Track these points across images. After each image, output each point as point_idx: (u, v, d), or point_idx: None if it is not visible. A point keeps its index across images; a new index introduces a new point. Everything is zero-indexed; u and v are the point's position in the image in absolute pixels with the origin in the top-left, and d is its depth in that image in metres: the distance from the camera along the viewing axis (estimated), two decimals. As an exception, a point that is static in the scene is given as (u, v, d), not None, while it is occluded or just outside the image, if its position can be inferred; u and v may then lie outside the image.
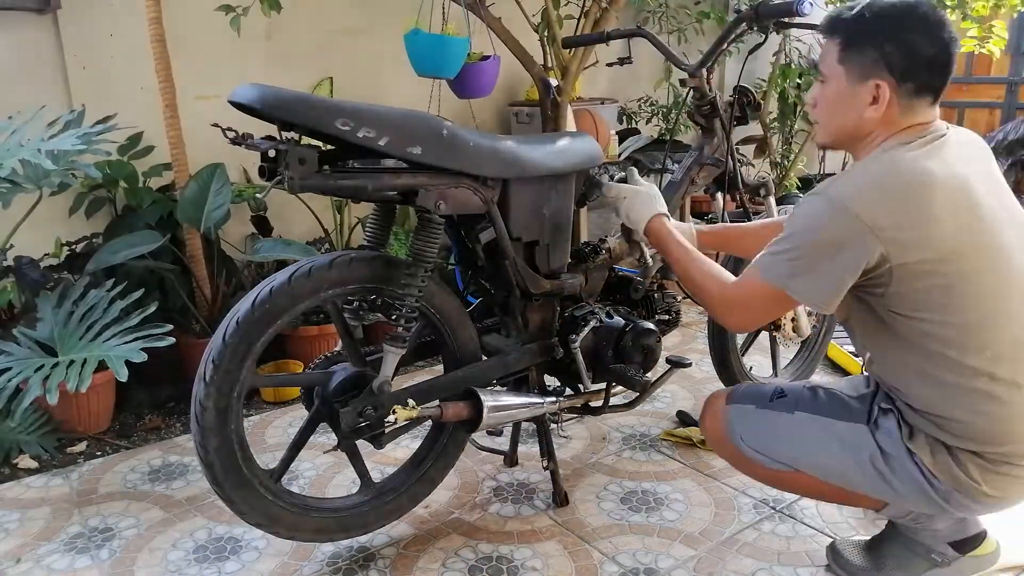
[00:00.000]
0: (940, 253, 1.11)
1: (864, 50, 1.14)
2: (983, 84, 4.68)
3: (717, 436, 1.40)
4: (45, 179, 1.86)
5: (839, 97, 1.19)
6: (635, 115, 3.38)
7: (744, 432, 1.34)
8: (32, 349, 1.78)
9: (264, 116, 1.17)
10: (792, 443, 1.30)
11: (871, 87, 1.15)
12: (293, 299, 1.29)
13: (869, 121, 1.18)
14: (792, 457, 1.31)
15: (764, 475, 1.37)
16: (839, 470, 1.26)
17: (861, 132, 1.20)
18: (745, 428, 1.34)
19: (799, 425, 1.28)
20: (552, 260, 1.58)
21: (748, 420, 1.34)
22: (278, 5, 2.09)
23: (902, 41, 1.12)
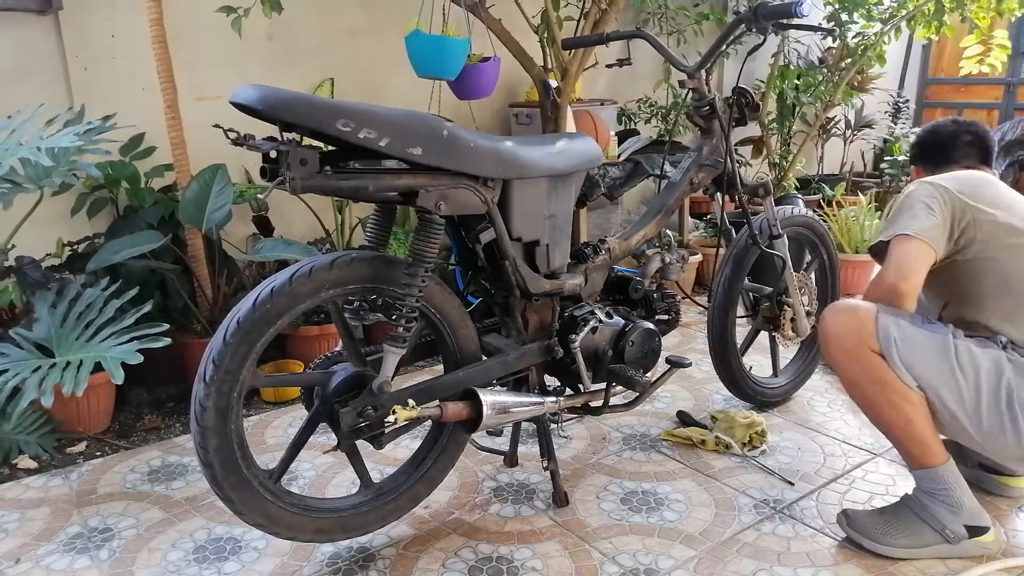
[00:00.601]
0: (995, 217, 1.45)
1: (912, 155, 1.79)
2: (981, 85, 4.69)
3: (861, 331, 1.42)
4: (46, 179, 1.86)
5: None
6: (634, 116, 3.39)
7: (900, 342, 1.40)
8: (29, 350, 1.78)
9: (265, 117, 1.17)
10: (942, 362, 1.40)
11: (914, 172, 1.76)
12: (294, 299, 1.29)
13: None
14: (936, 374, 1.40)
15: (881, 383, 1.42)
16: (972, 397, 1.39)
17: None
18: (901, 339, 1.40)
19: (951, 347, 1.40)
20: (552, 260, 1.58)
21: (905, 331, 1.41)
22: (279, 6, 2.09)
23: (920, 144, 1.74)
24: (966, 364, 1.38)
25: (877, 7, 3.31)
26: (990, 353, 1.40)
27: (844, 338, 1.45)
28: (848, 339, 1.44)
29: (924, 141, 1.72)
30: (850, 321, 1.45)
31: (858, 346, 1.43)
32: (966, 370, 1.38)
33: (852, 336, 1.44)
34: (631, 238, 1.79)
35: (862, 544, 1.46)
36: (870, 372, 1.43)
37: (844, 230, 3.15)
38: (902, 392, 1.40)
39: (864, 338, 1.42)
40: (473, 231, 1.45)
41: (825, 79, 3.56)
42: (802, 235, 2.12)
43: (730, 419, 1.94)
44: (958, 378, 1.38)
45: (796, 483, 1.72)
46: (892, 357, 1.40)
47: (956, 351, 1.39)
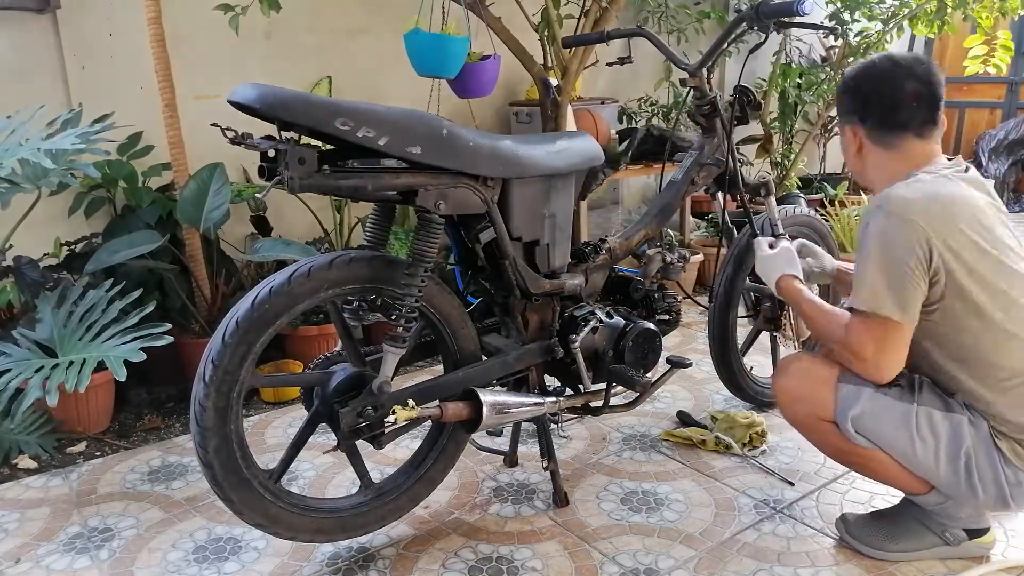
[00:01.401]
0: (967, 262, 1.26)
1: (840, 107, 1.41)
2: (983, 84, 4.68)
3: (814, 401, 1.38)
4: (44, 179, 1.85)
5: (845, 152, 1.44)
6: (635, 114, 3.38)
7: (858, 417, 1.34)
8: (32, 350, 1.78)
9: (263, 116, 1.16)
10: (901, 433, 1.33)
11: (850, 134, 1.40)
12: (293, 299, 1.28)
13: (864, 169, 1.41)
14: (896, 446, 1.34)
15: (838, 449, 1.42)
16: (930, 464, 1.33)
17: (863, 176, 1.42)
18: (862, 413, 1.34)
19: (914, 417, 1.32)
20: (552, 260, 1.58)
21: (866, 404, 1.34)
22: (277, 5, 2.09)
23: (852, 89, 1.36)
24: (926, 433, 1.32)
25: (879, 6, 3.30)
26: (952, 420, 1.32)
27: (797, 407, 1.43)
28: (801, 408, 1.42)
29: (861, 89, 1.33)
30: (804, 391, 1.40)
31: (812, 418, 1.41)
32: (926, 439, 1.32)
33: (805, 406, 1.41)
34: (632, 238, 1.79)
35: (861, 551, 1.46)
36: (827, 440, 1.43)
37: (846, 230, 3.14)
38: (862, 455, 1.38)
39: (818, 410, 1.38)
40: (473, 231, 1.44)
41: (827, 78, 3.55)
42: (804, 235, 2.11)
43: (730, 419, 1.93)
44: (916, 446, 1.32)
45: (796, 483, 1.72)
46: (847, 431, 1.35)
47: (917, 420, 1.32)
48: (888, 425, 1.34)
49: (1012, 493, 1.31)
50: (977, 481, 1.31)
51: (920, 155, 1.34)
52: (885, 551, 1.44)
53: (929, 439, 1.32)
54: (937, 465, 1.33)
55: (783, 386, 1.46)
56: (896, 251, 1.25)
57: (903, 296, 1.26)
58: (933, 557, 1.43)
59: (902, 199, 1.26)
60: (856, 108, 1.35)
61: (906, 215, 1.24)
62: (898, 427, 1.33)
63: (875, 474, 1.43)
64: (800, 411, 1.43)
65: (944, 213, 1.25)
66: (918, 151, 1.34)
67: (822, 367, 1.40)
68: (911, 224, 1.24)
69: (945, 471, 1.33)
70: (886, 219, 1.26)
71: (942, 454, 1.32)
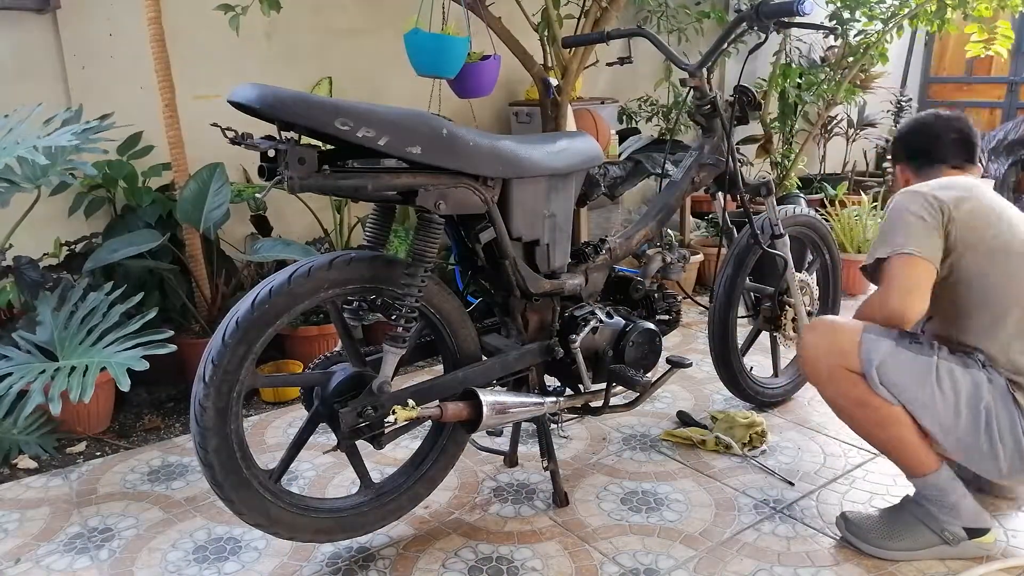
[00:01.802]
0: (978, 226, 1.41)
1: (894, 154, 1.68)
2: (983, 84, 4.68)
3: (842, 352, 1.41)
4: (43, 178, 1.85)
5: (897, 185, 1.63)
6: (635, 115, 3.38)
7: (883, 364, 1.38)
8: (32, 353, 1.78)
9: (263, 116, 1.16)
10: (923, 385, 1.37)
11: (899, 172, 1.64)
12: (293, 299, 1.28)
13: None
14: (917, 398, 1.38)
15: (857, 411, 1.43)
16: (950, 419, 1.37)
17: None
18: (885, 361, 1.38)
19: (934, 369, 1.38)
20: (552, 260, 1.58)
21: (887, 353, 1.38)
22: (277, 5, 2.09)
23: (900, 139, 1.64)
24: (947, 386, 1.36)
25: (879, 6, 3.30)
26: (972, 375, 1.37)
27: (822, 360, 1.45)
28: (826, 361, 1.44)
29: (908, 139, 1.62)
30: (829, 343, 1.43)
31: (837, 369, 1.42)
32: (946, 392, 1.36)
33: (831, 358, 1.43)
34: (632, 238, 1.79)
35: (860, 548, 1.46)
36: (850, 394, 1.43)
37: (846, 230, 3.14)
38: (885, 411, 1.40)
39: (844, 360, 1.41)
40: (473, 231, 1.44)
41: (827, 78, 3.55)
42: (804, 235, 2.11)
43: (730, 419, 1.93)
44: (937, 400, 1.36)
45: (796, 483, 1.72)
46: (872, 378, 1.38)
47: (938, 373, 1.37)
48: (909, 375, 1.37)
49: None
50: (996, 435, 1.34)
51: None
52: (885, 549, 1.44)
53: (949, 393, 1.36)
54: (957, 420, 1.36)
55: (809, 341, 1.48)
56: (912, 208, 1.41)
57: (918, 237, 1.39)
58: (933, 556, 1.43)
59: (919, 184, 1.48)
60: (906, 152, 1.61)
61: (919, 189, 1.44)
62: (920, 378, 1.37)
63: (890, 438, 1.42)
64: (824, 363, 1.44)
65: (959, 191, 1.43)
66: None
67: (847, 322, 1.47)
68: (922, 193, 1.42)
69: (965, 426, 1.36)
70: (902, 195, 1.45)
71: (963, 407, 1.35)
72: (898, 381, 1.38)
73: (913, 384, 1.37)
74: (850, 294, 3.14)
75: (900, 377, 1.38)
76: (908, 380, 1.37)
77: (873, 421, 1.43)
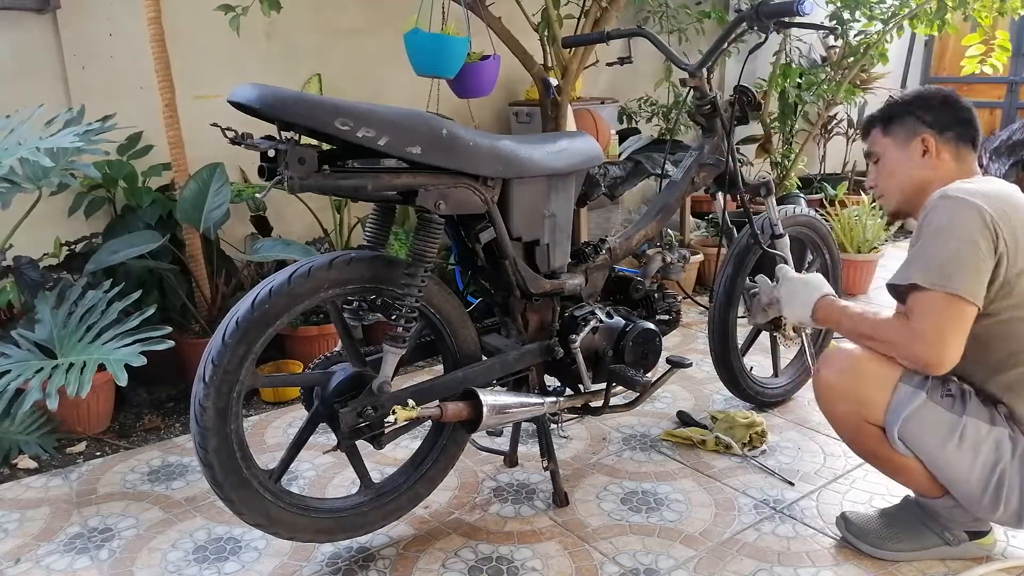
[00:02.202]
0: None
1: (903, 119, 1.41)
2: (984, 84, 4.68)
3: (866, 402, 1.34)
4: (44, 179, 1.86)
5: (894, 163, 1.42)
6: (635, 115, 3.38)
7: (907, 421, 1.31)
8: (31, 351, 1.78)
9: (263, 116, 1.16)
10: (945, 445, 1.31)
11: (918, 142, 1.39)
12: (292, 299, 1.28)
13: (926, 174, 1.38)
14: (933, 453, 1.32)
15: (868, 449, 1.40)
16: (964, 475, 1.31)
17: (922, 186, 1.38)
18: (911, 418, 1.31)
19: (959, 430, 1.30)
20: (552, 260, 1.58)
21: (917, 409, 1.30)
22: (278, 5, 2.09)
23: (930, 107, 1.39)
24: (968, 445, 1.30)
25: (879, 6, 3.30)
26: (995, 433, 1.31)
27: (839, 404, 1.38)
28: (845, 407, 1.37)
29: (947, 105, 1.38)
30: (853, 388, 1.35)
31: (855, 417, 1.37)
32: (966, 452, 1.30)
33: (851, 405, 1.36)
34: (632, 238, 1.79)
35: (861, 549, 1.46)
36: (864, 444, 1.41)
37: (846, 230, 3.14)
38: (898, 461, 1.38)
39: (866, 411, 1.34)
40: (473, 231, 1.44)
41: (827, 78, 3.55)
42: (804, 235, 2.11)
43: (730, 419, 1.93)
44: (954, 458, 1.31)
45: (796, 483, 1.72)
46: (892, 434, 1.33)
47: (963, 432, 1.30)
48: (933, 435, 1.31)
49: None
50: (1004, 495, 1.30)
51: (972, 171, 1.40)
52: (885, 550, 1.44)
53: (969, 452, 1.30)
54: (969, 478, 1.31)
55: (829, 381, 1.38)
56: (966, 230, 1.23)
57: (971, 275, 1.22)
58: (933, 557, 1.43)
59: (965, 189, 1.28)
60: (936, 120, 1.38)
61: (972, 198, 1.25)
62: (944, 436, 1.31)
63: (897, 478, 1.42)
64: (842, 409, 1.38)
65: (1005, 204, 1.27)
66: (973, 167, 1.39)
67: (878, 366, 1.34)
68: (977, 207, 1.24)
69: (975, 484, 1.31)
70: (953, 203, 1.25)
71: (977, 467, 1.30)
72: (920, 437, 1.32)
73: (936, 442, 1.31)
74: (850, 294, 3.14)
75: (924, 434, 1.31)
76: (932, 438, 1.31)
77: (882, 467, 1.43)
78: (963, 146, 1.38)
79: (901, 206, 1.44)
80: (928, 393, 1.31)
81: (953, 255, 1.23)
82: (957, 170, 1.38)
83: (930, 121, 1.38)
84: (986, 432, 1.31)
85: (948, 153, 1.38)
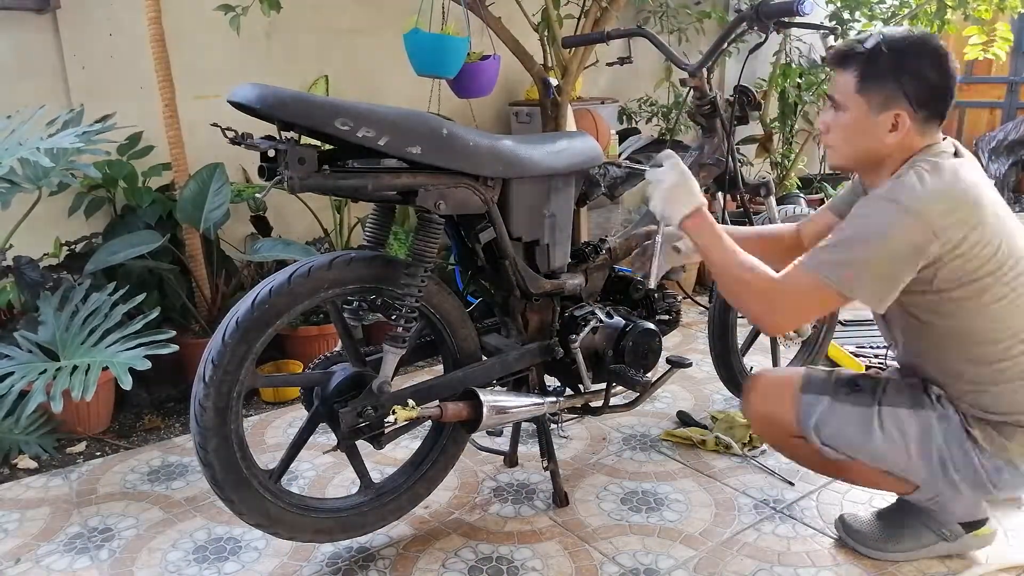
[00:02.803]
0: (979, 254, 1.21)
1: (883, 83, 1.24)
2: (983, 84, 4.68)
3: (778, 419, 1.40)
4: (44, 179, 1.86)
5: (858, 125, 1.28)
6: (635, 115, 3.38)
7: (820, 423, 1.36)
8: (34, 352, 1.78)
9: (263, 116, 1.16)
10: (867, 438, 1.34)
11: (891, 116, 1.25)
12: (293, 299, 1.28)
13: (887, 147, 1.27)
14: (864, 450, 1.35)
15: (817, 463, 1.44)
16: (903, 462, 1.34)
17: (878, 156, 1.29)
18: (822, 420, 1.36)
19: (876, 420, 1.33)
20: (552, 260, 1.58)
21: (825, 412, 1.35)
22: (278, 5, 2.09)
23: (917, 73, 1.23)
24: (892, 432, 1.32)
25: (879, 6, 3.30)
26: (920, 417, 1.31)
27: (766, 431, 1.48)
28: (771, 432, 1.46)
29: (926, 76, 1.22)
30: (767, 413, 1.43)
31: (783, 436, 1.43)
32: (893, 438, 1.32)
33: (774, 427, 1.43)
34: (632, 238, 1.78)
35: (860, 552, 1.46)
36: (801, 455, 1.46)
37: (845, 229, 3.13)
38: (843, 466, 1.41)
39: (786, 429, 1.40)
40: (473, 231, 1.44)
41: (827, 78, 3.55)
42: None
43: (730, 419, 1.93)
44: (884, 447, 1.33)
45: (796, 483, 1.72)
46: (814, 441, 1.37)
47: (881, 421, 1.32)
48: (850, 431, 1.35)
49: (992, 480, 1.30)
50: (954, 474, 1.31)
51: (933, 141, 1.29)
52: (886, 552, 1.44)
53: (898, 438, 1.32)
54: (910, 463, 1.33)
55: (749, 411, 1.48)
56: (897, 244, 1.18)
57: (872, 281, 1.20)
58: (934, 555, 1.43)
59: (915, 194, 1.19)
60: (918, 93, 1.23)
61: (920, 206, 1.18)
62: (863, 428, 1.34)
63: (859, 481, 1.46)
64: (770, 432, 1.47)
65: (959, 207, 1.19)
66: (935, 138, 1.29)
67: (779, 382, 1.43)
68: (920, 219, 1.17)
69: (921, 468, 1.33)
70: (897, 213, 1.18)
71: (913, 451, 1.32)
72: (840, 436, 1.35)
73: (858, 437, 1.34)
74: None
75: (841, 433, 1.35)
76: (852, 434, 1.34)
77: (833, 469, 1.45)
78: (932, 122, 1.26)
79: (846, 165, 1.34)
80: (832, 395, 1.36)
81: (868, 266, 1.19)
82: (918, 143, 1.27)
83: (911, 93, 1.23)
84: (907, 415, 1.32)
85: (915, 130, 1.26)
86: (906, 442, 1.32)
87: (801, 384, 1.39)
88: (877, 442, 1.33)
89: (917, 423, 1.31)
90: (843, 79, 1.27)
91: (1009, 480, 1.30)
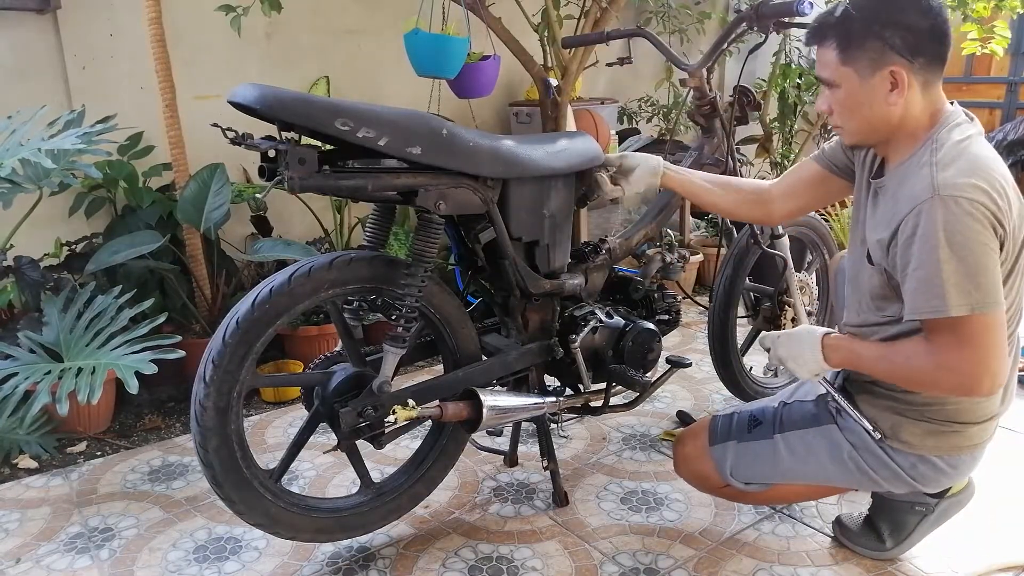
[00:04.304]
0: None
1: (864, 44, 1.15)
2: (983, 84, 4.68)
3: (704, 476, 1.48)
4: (45, 179, 1.86)
5: (855, 97, 1.18)
6: (635, 115, 3.38)
7: (734, 468, 1.43)
8: (37, 353, 1.78)
9: (264, 116, 1.17)
10: (777, 464, 1.39)
11: (886, 75, 1.15)
12: (293, 299, 1.29)
13: (894, 108, 1.17)
14: (779, 476, 1.41)
15: (755, 498, 1.49)
16: (823, 474, 1.38)
17: (890, 122, 1.19)
18: (734, 464, 1.42)
19: (781, 446, 1.38)
20: (552, 260, 1.58)
21: (734, 456, 1.42)
22: (278, 5, 2.09)
23: (897, 22, 1.13)
24: (800, 452, 1.36)
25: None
26: (823, 432, 1.34)
27: (699, 484, 1.52)
28: (702, 485, 1.51)
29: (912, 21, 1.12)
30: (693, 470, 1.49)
31: (714, 488, 1.49)
32: (805, 459, 1.36)
33: (704, 483, 1.50)
34: (632, 238, 1.79)
35: (860, 554, 1.46)
36: (739, 499, 1.51)
37: (846, 229, 3.14)
38: (783, 494, 1.47)
39: (713, 481, 1.46)
40: (473, 231, 1.44)
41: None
42: (803, 234, 2.12)
43: (730, 419, 1.93)
44: (797, 468, 1.37)
45: (797, 483, 1.72)
46: (737, 486, 1.43)
47: (787, 445, 1.37)
48: (764, 464, 1.40)
49: (912, 476, 1.30)
50: (875, 475, 1.32)
51: (940, 98, 1.20)
52: (884, 552, 1.44)
53: (809, 457, 1.36)
54: (830, 474, 1.36)
55: (682, 476, 1.55)
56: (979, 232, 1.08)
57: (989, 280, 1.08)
58: (924, 535, 1.44)
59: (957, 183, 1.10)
60: (906, 42, 1.12)
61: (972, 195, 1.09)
62: (771, 459, 1.39)
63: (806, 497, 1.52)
64: (706, 488, 1.51)
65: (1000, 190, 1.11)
66: (939, 95, 1.20)
67: (693, 443, 1.48)
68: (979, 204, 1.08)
69: (841, 477, 1.36)
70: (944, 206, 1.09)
71: (828, 464, 1.35)
72: (754, 472, 1.41)
73: (772, 469, 1.39)
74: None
75: (754, 468, 1.40)
76: (765, 467, 1.40)
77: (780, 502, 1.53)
78: (934, 68, 1.16)
79: (861, 141, 1.25)
80: (737, 438, 1.41)
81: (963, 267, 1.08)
82: (925, 100, 1.18)
83: (899, 45, 1.12)
84: (810, 434, 1.36)
85: (919, 81, 1.16)
86: (817, 457, 1.35)
87: (709, 437, 1.45)
88: (789, 464, 1.37)
89: (822, 437, 1.35)
90: (825, 55, 1.19)
91: (928, 474, 1.29)
